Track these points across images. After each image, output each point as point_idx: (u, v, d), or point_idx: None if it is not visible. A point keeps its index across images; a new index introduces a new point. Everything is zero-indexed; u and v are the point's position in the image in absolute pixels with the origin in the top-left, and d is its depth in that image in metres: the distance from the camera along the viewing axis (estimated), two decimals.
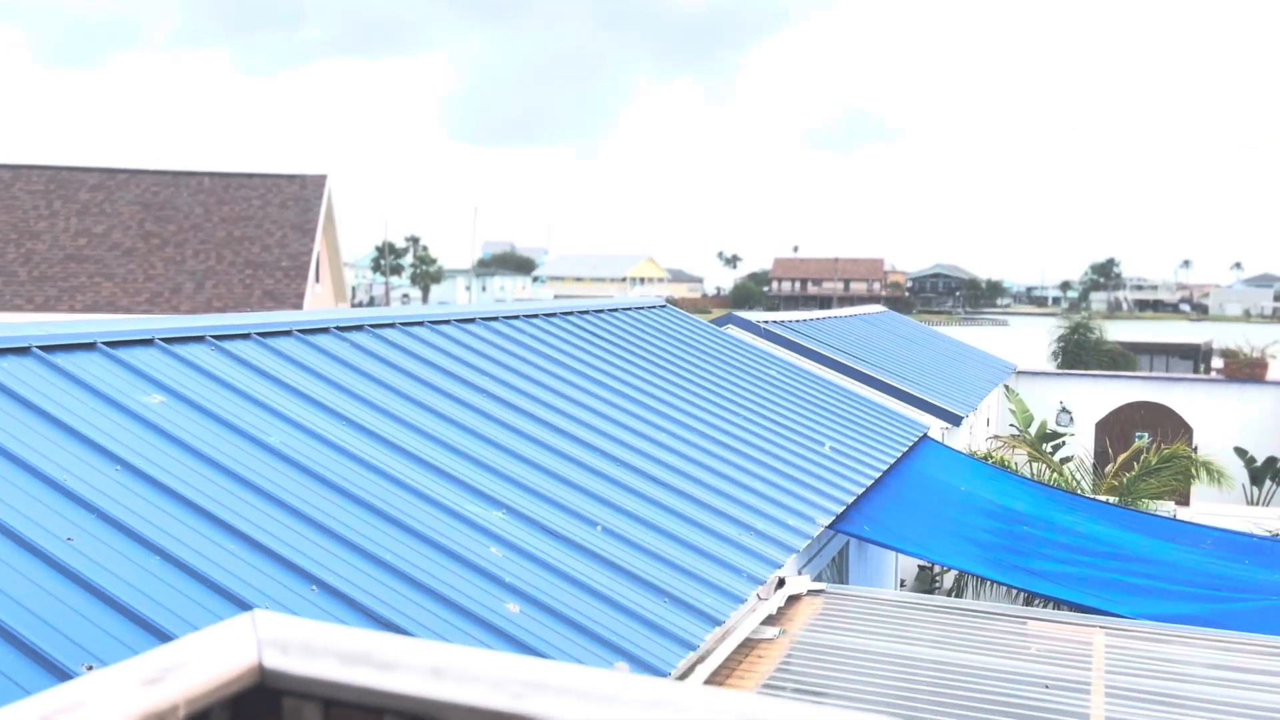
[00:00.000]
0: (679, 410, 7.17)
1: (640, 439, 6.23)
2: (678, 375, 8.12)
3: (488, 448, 5.11)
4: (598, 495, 5.10)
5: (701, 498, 5.66)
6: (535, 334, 7.52)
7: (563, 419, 6.00)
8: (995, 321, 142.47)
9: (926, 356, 18.32)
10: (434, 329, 6.61)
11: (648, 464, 5.85)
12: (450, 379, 5.84)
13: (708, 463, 6.31)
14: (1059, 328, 28.04)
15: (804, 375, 10.20)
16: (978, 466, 9.55)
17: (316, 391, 4.84)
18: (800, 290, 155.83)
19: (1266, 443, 19.86)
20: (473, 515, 4.30)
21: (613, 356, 7.84)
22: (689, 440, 6.61)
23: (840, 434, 8.46)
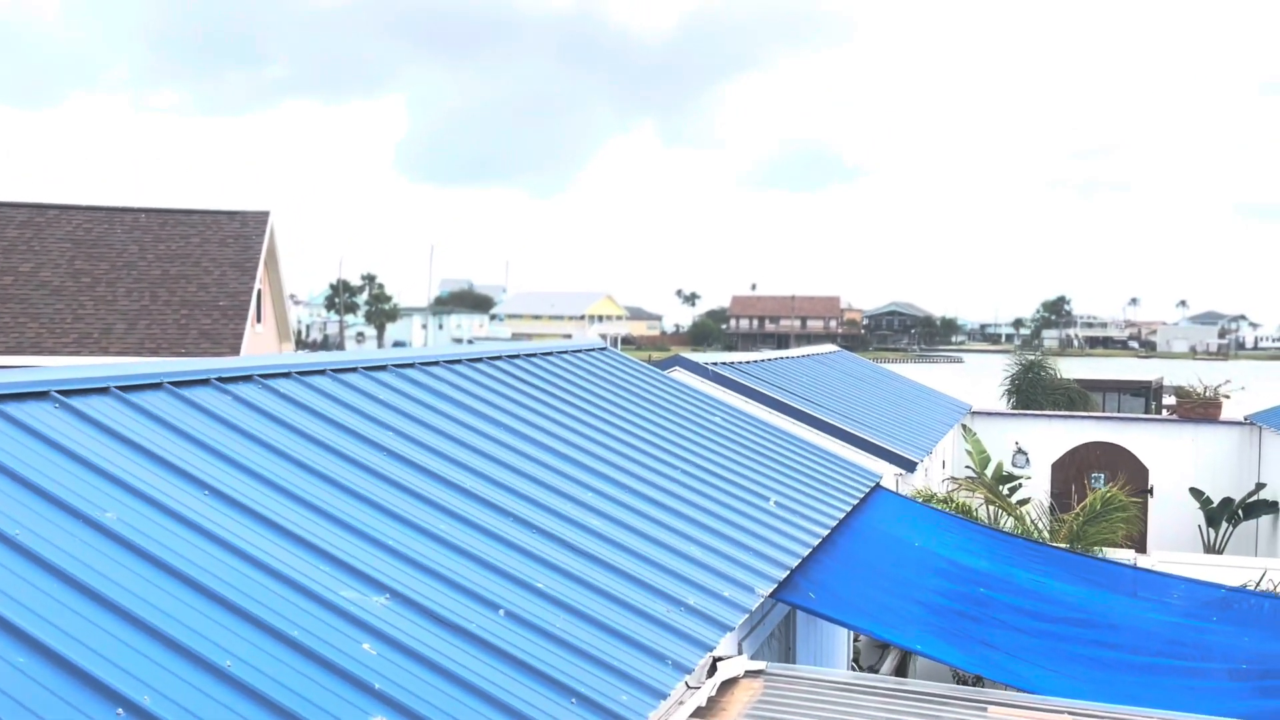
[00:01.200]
0: (609, 465, 6.59)
1: (561, 499, 5.63)
2: (611, 425, 7.54)
3: (376, 515, 4.48)
4: (505, 569, 4.49)
5: (627, 568, 5.07)
6: (455, 381, 6.91)
7: (472, 477, 5.39)
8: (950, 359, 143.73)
9: (881, 398, 17.92)
10: (335, 378, 5.98)
11: (567, 529, 5.26)
12: (343, 434, 5.21)
13: (638, 525, 5.72)
14: (1013, 366, 27.87)
15: (750, 421, 9.66)
16: (933, 516, 9.05)
17: (163, 450, 4.20)
18: (758, 328, 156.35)
19: (1222, 483, 19.66)
20: (347, 603, 3.67)
21: (539, 404, 7.25)
22: (618, 500, 6.02)
23: (787, 486, 7.91)
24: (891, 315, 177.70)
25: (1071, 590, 7.84)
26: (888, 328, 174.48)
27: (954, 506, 12.41)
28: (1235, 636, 7.58)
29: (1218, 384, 21.16)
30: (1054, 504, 18.24)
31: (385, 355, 6.74)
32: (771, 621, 6.63)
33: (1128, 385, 28.09)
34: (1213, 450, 20.02)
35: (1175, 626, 7.70)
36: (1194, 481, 19.55)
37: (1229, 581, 11.44)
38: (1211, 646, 7.45)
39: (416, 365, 6.83)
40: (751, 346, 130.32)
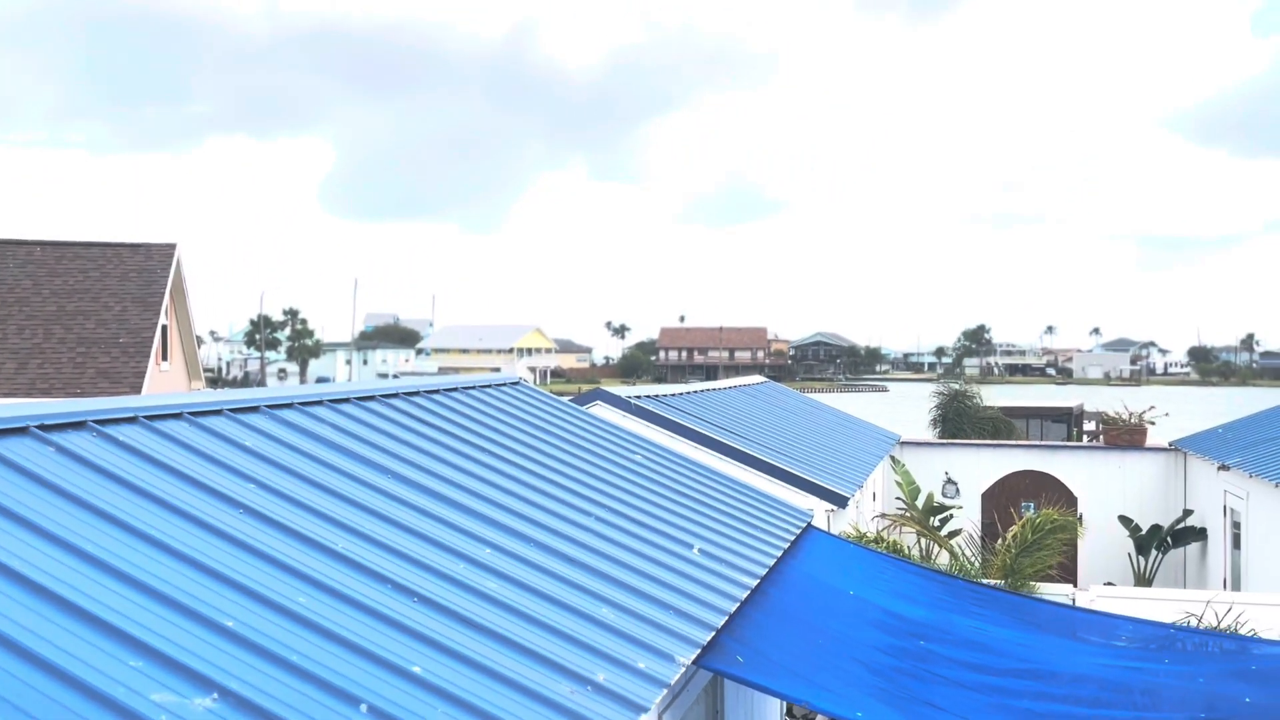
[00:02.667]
0: (514, 515, 5.90)
1: (452, 558, 4.93)
2: (519, 468, 6.86)
3: (216, 587, 3.74)
4: (374, 651, 3.78)
5: (528, 640, 4.38)
6: (339, 423, 6.18)
7: (347, 537, 4.66)
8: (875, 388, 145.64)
9: (810, 430, 17.48)
10: (194, 423, 5.21)
11: (458, 595, 4.56)
12: (192, 489, 4.45)
13: (542, 586, 5.03)
14: (939, 395, 27.81)
15: (674, 459, 9.05)
16: (867, 558, 8.52)
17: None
18: (687, 359, 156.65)
19: (1149, 510, 19.61)
20: (158, 709, 2.93)
21: (437, 447, 6.54)
22: (522, 556, 5.33)
23: (713, 531, 7.30)
24: (817, 345, 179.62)
25: (1013, 636, 7.36)
26: (814, 358, 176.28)
27: (886, 546, 11.94)
28: (1188, 679, 7.17)
29: (1142, 410, 21.20)
30: (985, 535, 17.96)
31: (256, 395, 5.98)
32: (696, 686, 5.98)
33: (1049, 412, 28.18)
34: (1140, 477, 20.00)
35: (1123, 671, 7.26)
36: (1122, 509, 19.48)
37: (1166, 615, 11.14)
38: (1161, 691, 7.02)
39: (294, 405, 6.08)
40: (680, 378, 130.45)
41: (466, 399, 8.02)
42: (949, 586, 8.37)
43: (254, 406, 5.81)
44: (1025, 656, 7.09)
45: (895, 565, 8.39)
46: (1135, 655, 7.57)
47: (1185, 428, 25.30)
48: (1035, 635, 7.59)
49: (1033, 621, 7.88)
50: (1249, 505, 15.48)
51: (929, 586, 8.09)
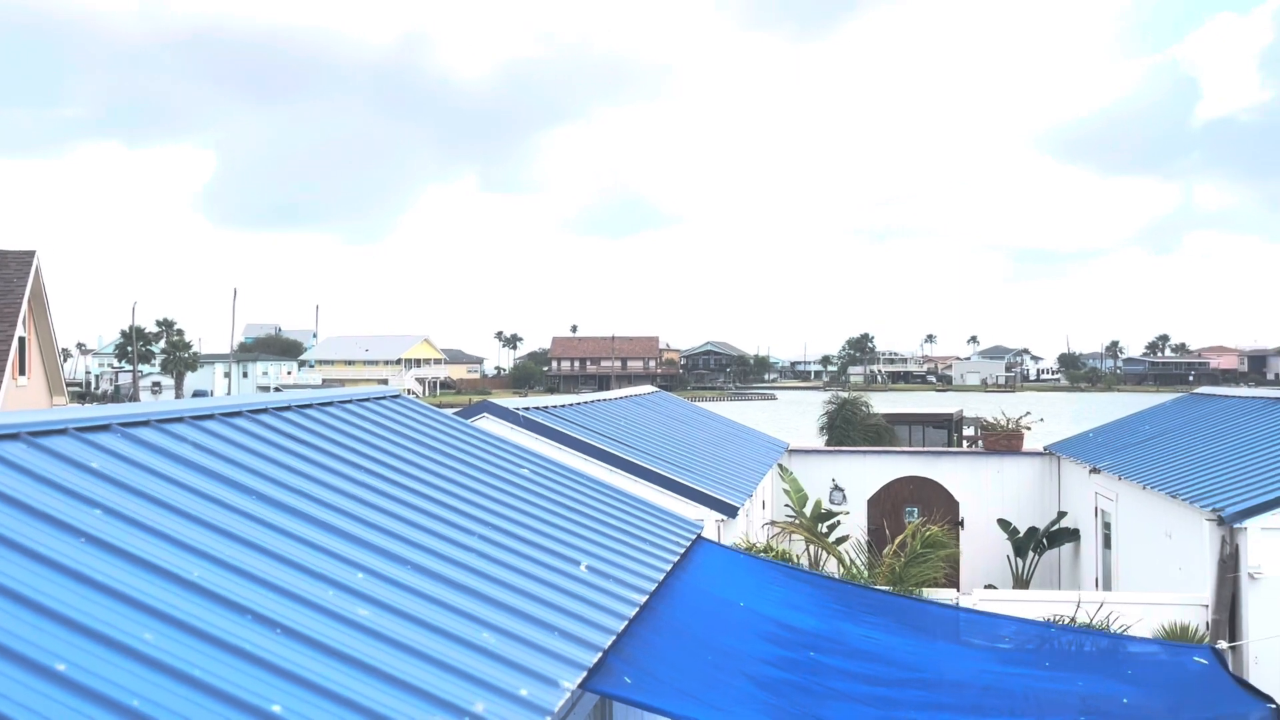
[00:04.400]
0: (389, 536, 5.60)
1: (320, 584, 4.62)
2: (397, 486, 6.55)
3: (43, 626, 3.37)
4: (231, 694, 3.46)
5: (401, 672, 4.11)
6: (205, 442, 5.77)
7: (202, 564, 4.31)
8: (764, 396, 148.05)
9: (700, 439, 17.49)
10: (80, 439, 4.77)
11: (324, 624, 4.25)
12: (28, 519, 4.04)
13: (418, 612, 4.76)
14: (829, 403, 28.29)
15: (563, 472, 8.84)
16: (757, 568, 8.45)
17: None
18: (580, 369, 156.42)
19: (1026, 513, 20.25)
20: None
21: (311, 465, 6.19)
22: (397, 580, 5.05)
23: (602, 546, 7.11)
24: (708, 354, 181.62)
25: (902, 643, 7.38)
26: (704, 366, 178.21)
27: (776, 554, 11.97)
28: (1067, 682, 7.31)
29: (1018, 416, 21.92)
30: (871, 540, 18.26)
31: (109, 412, 5.53)
32: (583, 710, 5.78)
33: (931, 418, 28.97)
34: (1017, 481, 20.65)
35: (1005, 676, 7.36)
36: (1001, 513, 20.06)
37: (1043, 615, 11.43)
38: (1042, 694, 7.14)
39: (152, 423, 5.66)
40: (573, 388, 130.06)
41: (343, 413, 7.66)
42: (839, 594, 8.37)
43: (105, 425, 5.37)
44: (913, 664, 7.11)
45: (786, 574, 8.34)
46: (1017, 660, 7.69)
47: (1057, 432, 26.34)
48: (923, 641, 7.63)
49: (920, 626, 7.93)
50: (1118, 507, 16.10)
51: (819, 595, 8.06)
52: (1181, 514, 12.89)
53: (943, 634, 7.88)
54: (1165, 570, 13.61)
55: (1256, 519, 11.30)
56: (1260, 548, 11.28)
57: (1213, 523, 11.70)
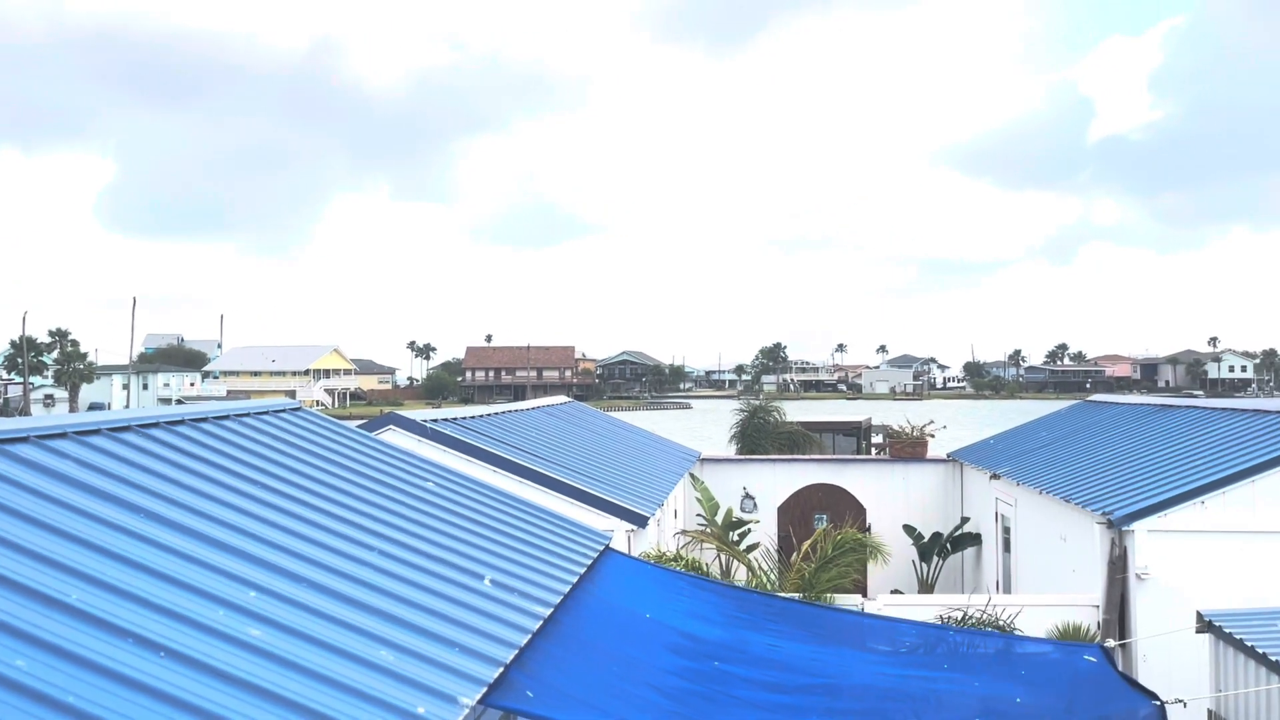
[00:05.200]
0: (285, 553, 5.47)
1: (210, 605, 4.48)
2: (295, 502, 6.40)
3: None
4: None
5: (293, 693, 4.02)
6: (90, 458, 5.56)
7: (85, 588, 4.15)
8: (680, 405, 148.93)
9: (612, 450, 17.50)
10: None
11: (213, 645, 4.13)
12: None
13: (314, 630, 4.66)
14: (741, 411, 28.57)
15: (469, 485, 8.75)
16: (665, 579, 8.48)
17: None
18: (494, 379, 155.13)
19: (931, 518, 20.73)
20: None
21: (204, 481, 6.01)
22: (291, 598, 4.93)
23: (507, 560, 7.06)
24: (624, 364, 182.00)
25: (806, 651, 7.48)
26: (621, 376, 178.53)
27: (686, 564, 12.04)
28: (964, 684, 7.49)
29: (923, 424, 22.45)
30: (780, 548, 18.49)
31: None
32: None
33: (840, 426, 29.47)
34: (922, 487, 21.14)
35: (906, 679, 7.52)
36: (906, 518, 20.51)
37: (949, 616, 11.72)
38: (941, 696, 7.30)
39: (31, 439, 5.43)
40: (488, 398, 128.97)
41: (239, 427, 7.46)
42: (745, 603, 8.44)
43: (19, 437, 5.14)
44: (817, 671, 7.21)
45: (692, 584, 8.39)
46: (917, 663, 7.86)
47: (961, 439, 27.07)
48: (827, 648, 7.74)
49: (824, 633, 8.05)
50: (1017, 511, 16.60)
51: (725, 604, 8.13)
52: (1074, 518, 13.36)
53: (846, 640, 8.01)
54: (1060, 572, 14.08)
55: (1143, 522, 11.77)
56: (1147, 549, 11.76)
57: (1102, 526, 12.15)
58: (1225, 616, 8.55)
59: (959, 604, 12.30)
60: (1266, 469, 11.84)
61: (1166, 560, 11.75)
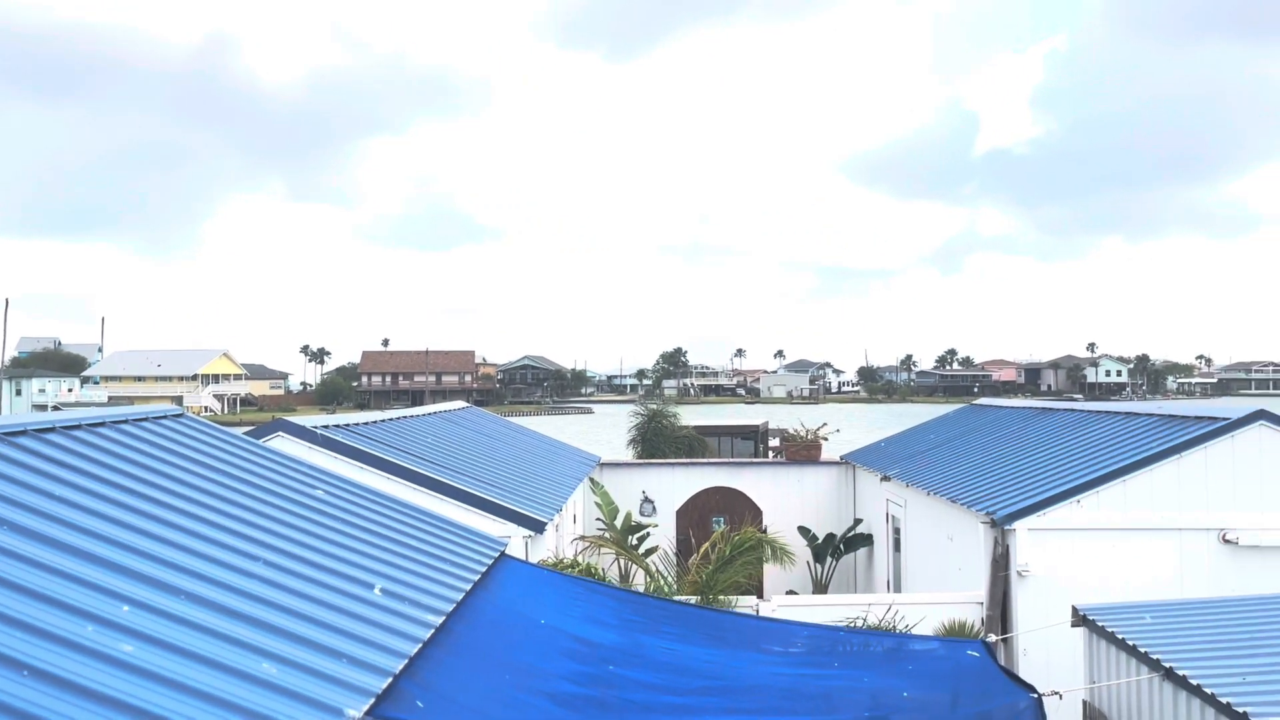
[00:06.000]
0: (165, 565, 5.27)
1: (82, 621, 4.28)
2: (174, 512, 6.17)
3: None
4: None
5: (169, 711, 3.86)
6: None
7: None
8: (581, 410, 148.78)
9: (511, 455, 17.37)
10: None
11: (82, 664, 3.95)
12: None
13: (192, 645, 4.50)
14: (637, 415, 28.69)
15: (362, 493, 8.57)
16: (561, 585, 8.45)
17: None
18: (392, 384, 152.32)
19: (825, 520, 21.15)
20: None
21: (74, 491, 5.74)
22: (170, 612, 4.75)
23: (399, 568, 6.93)
24: (525, 369, 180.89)
25: (702, 653, 7.54)
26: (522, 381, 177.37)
27: (583, 569, 12.02)
28: (856, 680, 7.66)
29: (817, 427, 22.90)
30: (679, 551, 18.62)
31: None
32: None
33: (738, 430, 29.86)
34: (816, 490, 21.56)
35: (800, 678, 7.64)
36: (801, 520, 20.87)
37: (838, 618, 11.98)
38: (833, 694, 7.45)
39: None
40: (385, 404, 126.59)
41: (116, 434, 7.15)
42: (641, 607, 8.47)
43: None
44: (713, 673, 7.27)
45: (588, 590, 8.38)
46: (811, 663, 8.00)
47: (854, 441, 27.69)
48: (723, 651, 7.82)
49: (720, 636, 8.13)
50: (907, 512, 17.07)
51: (621, 609, 8.14)
52: (960, 517, 13.80)
53: (742, 642, 8.11)
54: (947, 570, 14.52)
55: (1024, 520, 12.23)
56: (1027, 547, 12.22)
57: (986, 525, 12.57)
58: (1098, 610, 8.92)
59: (852, 603, 12.57)
60: (1136, 469, 12.43)
61: (1045, 557, 12.23)
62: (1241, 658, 7.34)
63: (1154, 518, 12.38)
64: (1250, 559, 12.28)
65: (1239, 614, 8.51)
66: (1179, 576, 12.15)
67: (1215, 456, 12.47)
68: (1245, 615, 8.45)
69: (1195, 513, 12.40)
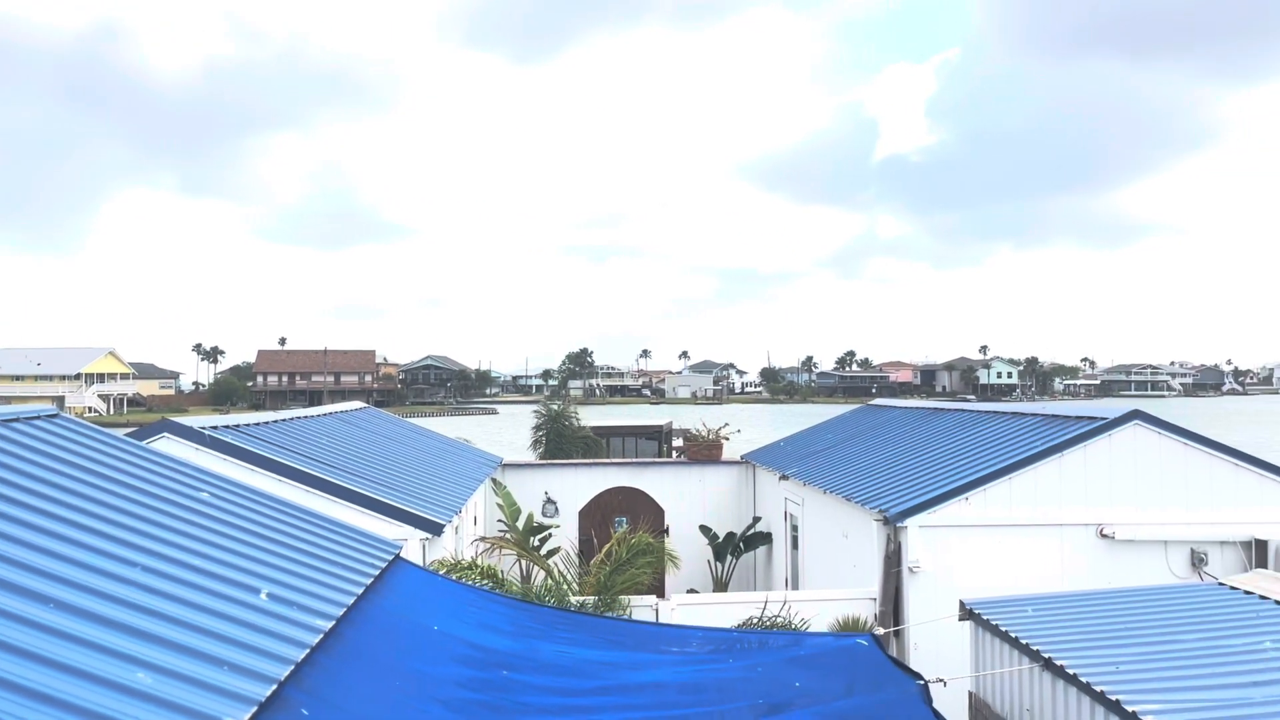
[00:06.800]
0: (34, 572, 5.02)
1: None
2: (49, 516, 5.89)
3: None
4: None
5: None
6: None
7: None
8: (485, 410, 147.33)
9: (409, 457, 17.09)
10: None
11: None
12: None
13: (61, 656, 4.29)
14: (538, 415, 28.55)
15: (251, 495, 8.31)
16: (456, 590, 8.35)
17: None
18: (289, 384, 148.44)
19: (726, 519, 21.38)
20: None
21: None
22: (38, 621, 4.52)
23: (287, 572, 6.75)
24: (428, 369, 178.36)
25: (598, 655, 7.54)
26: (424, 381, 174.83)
27: (482, 571, 11.90)
28: (751, 670, 7.76)
29: (719, 427, 23.13)
30: (581, 552, 18.58)
31: None
32: None
33: (643, 430, 29.98)
34: (717, 489, 21.78)
35: (698, 673, 7.70)
36: (703, 519, 21.07)
37: (738, 614, 12.13)
38: (730, 686, 7.53)
39: None
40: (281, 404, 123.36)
41: None
42: (536, 613, 8.43)
43: None
44: (610, 674, 7.28)
45: (484, 595, 8.30)
46: (708, 660, 8.08)
47: (755, 441, 28.08)
48: (619, 653, 7.83)
49: (616, 640, 8.14)
50: (804, 510, 17.37)
51: (517, 614, 8.08)
52: (855, 515, 14.10)
53: (638, 645, 8.14)
54: (843, 567, 14.83)
55: (915, 518, 12.56)
56: (918, 544, 12.55)
57: (879, 522, 12.88)
58: (983, 604, 9.22)
59: (750, 600, 12.72)
60: (1021, 467, 12.89)
61: (935, 553, 12.58)
62: (1115, 647, 7.68)
63: (1037, 514, 12.86)
64: (1125, 552, 12.86)
65: (1114, 605, 8.90)
66: (1061, 570, 12.64)
67: (1094, 455, 13.01)
68: (1119, 606, 8.84)
69: (1075, 509, 12.92)
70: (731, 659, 8.08)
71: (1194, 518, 12.97)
